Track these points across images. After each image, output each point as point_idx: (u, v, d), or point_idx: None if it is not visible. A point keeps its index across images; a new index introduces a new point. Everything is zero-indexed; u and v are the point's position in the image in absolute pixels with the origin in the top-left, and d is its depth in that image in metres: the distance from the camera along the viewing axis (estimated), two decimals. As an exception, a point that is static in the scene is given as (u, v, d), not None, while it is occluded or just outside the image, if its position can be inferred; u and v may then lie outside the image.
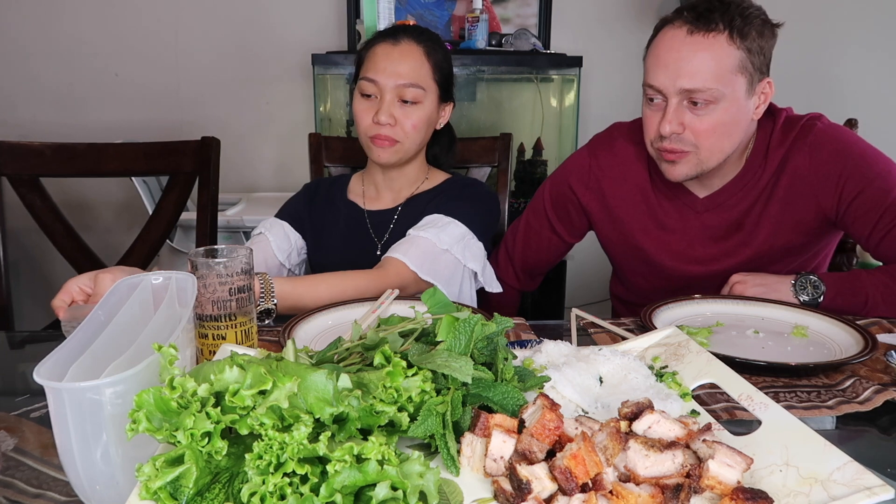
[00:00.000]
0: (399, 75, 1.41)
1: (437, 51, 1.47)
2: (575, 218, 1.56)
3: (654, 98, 1.31)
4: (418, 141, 1.48)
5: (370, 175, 1.60)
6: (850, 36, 2.85)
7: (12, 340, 1.26)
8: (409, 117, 1.43)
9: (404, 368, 0.66)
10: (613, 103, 2.82)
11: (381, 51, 1.44)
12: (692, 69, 1.24)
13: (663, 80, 1.27)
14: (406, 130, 1.43)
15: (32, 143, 1.71)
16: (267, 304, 1.16)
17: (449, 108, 1.55)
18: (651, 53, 1.31)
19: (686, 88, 1.25)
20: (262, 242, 1.53)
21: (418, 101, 1.43)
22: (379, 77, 1.42)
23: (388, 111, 1.41)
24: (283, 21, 2.79)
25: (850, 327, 1.12)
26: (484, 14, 2.62)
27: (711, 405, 0.88)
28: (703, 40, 1.24)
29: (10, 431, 0.82)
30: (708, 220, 1.43)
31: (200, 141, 1.74)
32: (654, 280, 1.51)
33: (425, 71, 1.44)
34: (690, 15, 1.25)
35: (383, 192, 1.58)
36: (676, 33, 1.26)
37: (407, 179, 1.56)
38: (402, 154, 1.47)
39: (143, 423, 0.56)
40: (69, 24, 2.75)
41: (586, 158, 1.54)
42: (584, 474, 0.58)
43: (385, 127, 1.42)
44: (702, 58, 1.24)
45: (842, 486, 0.59)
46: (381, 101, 1.42)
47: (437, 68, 1.46)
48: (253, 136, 2.87)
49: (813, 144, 1.34)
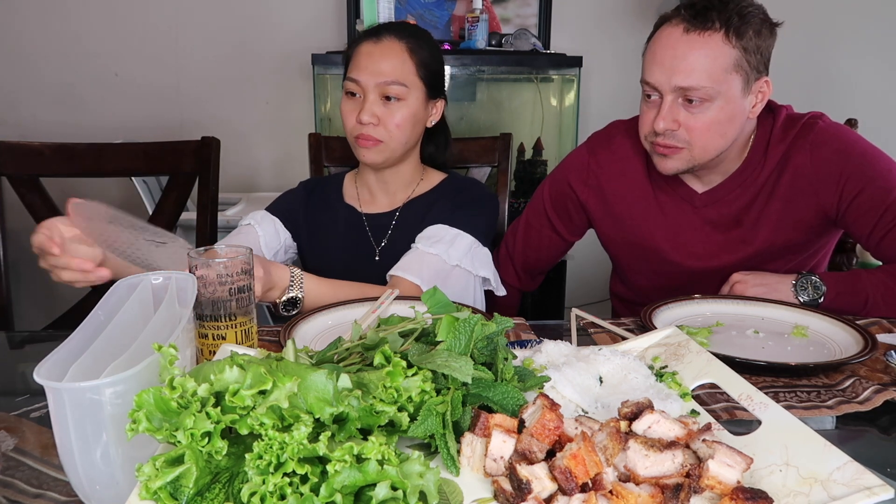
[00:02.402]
0: (380, 73, 1.39)
1: (423, 47, 1.44)
2: (574, 216, 1.57)
3: (651, 94, 1.32)
4: (404, 140, 1.44)
5: (363, 177, 1.57)
6: (850, 36, 2.85)
7: (12, 340, 1.27)
8: (392, 116, 1.41)
9: (404, 368, 0.66)
10: (613, 103, 2.82)
11: (364, 49, 1.42)
12: (687, 67, 1.25)
13: (658, 78, 1.28)
14: (390, 129, 1.41)
15: (32, 142, 1.71)
16: (296, 293, 1.20)
17: (440, 104, 1.51)
18: (649, 50, 1.32)
19: (680, 86, 1.26)
20: (250, 234, 1.49)
21: (401, 98, 1.41)
22: (361, 76, 1.40)
23: (371, 110, 1.39)
24: (284, 21, 2.79)
25: (850, 327, 1.12)
26: (484, 14, 2.62)
27: (711, 405, 0.88)
28: (698, 39, 1.24)
29: (10, 431, 0.82)
30: (707, 215, 1.43)
31: (200, 141, 1.74)
32: (653, 277, 1.52)
33: (408, 67, 1.41)
34: (688, 13, 1.26)
35: (378, 195, 1.56)
36: (673, 31, 1.27)
37: (402, 181, 1.54)
38: (388, 154, 1.44)
39: (143, 423, 0.56)
40: (70, 23, 2.75)
41: (585, 156, 1.54)
42: (584, 474, 0.58)
43: (368, 126, 1.40)
44: (696, 56, 1.24)
45: (842, 485, 0.59)
46: (364, 101, 1.40)
47: (422, 65, 1.43)
48: (253, 136, 2.87)
49: (814, 143, 1.34)
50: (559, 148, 2.80)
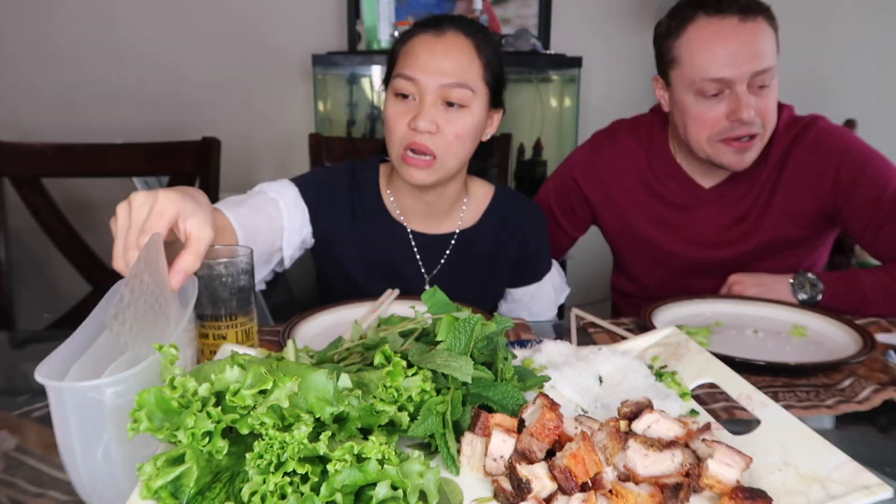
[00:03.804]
0: (444, 73, 1.17)
1: (489, 45, 1.23)
2: (578, 210, 1.59)
3: (716, 92, 1.31)
4: (461, 155, 1.23)
5: (398, 190, 1.34)
6: (850, 36, 2.85)
7: (14, 340, 1.27)
8: (452, 124, 1.19)
9: (404, 368, 0.66)
10: (613, 103, 2.82)
11: (423, 43, 1.20)
12: (759, 52, 1.28)
13: (730, 70, 1.28)
14: (448, 140, 1.19)
15: (34, 143, 1.71)
16: None
17: (498, 115, 1.30)
18: (697, 49, 1.31)
19: (757, 71, 1.28)
20: (272, 210, 1.23)
21: (465, 104, 1.19)
22: (419, 74, 1.18)
23: (430, 115, 1.17)
24: (284, 21, 2.79)
25: (849, 327, 1.13)
26: (484, 14, 2.62)
27: (711, 405, 0.88)
28: (754, 26, 1.29)
29: (11, 431, 0.82)
30: (712, 209, 1.47)
31: (201, 141, 1.75)
32: (656, 270, 1.54)
33: (475, 69, 1.20)
34: (732, 5, 1.29)
35: (420, 211, 1.34)
36: (726, 24, 1.29)
37: (446, 202, 1.33)
38: (441, 174, 1.22)
39: (144, 423, 0.56)
40: (70, 25, 2.75)
41: (589, 152, 1.58)
42: (584, 474, 0.58)
43: (424, 135, 1.18)
44: (763, 40, 1.29)
45: (840, 485, 0.60)
46: (422, 104, 1.18)
47: (489, 66, 1.22)
48: (253, 137, 2.87)
49: (814, 141, 1.38)
50: (559, 148, 2.80)
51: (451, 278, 1.36)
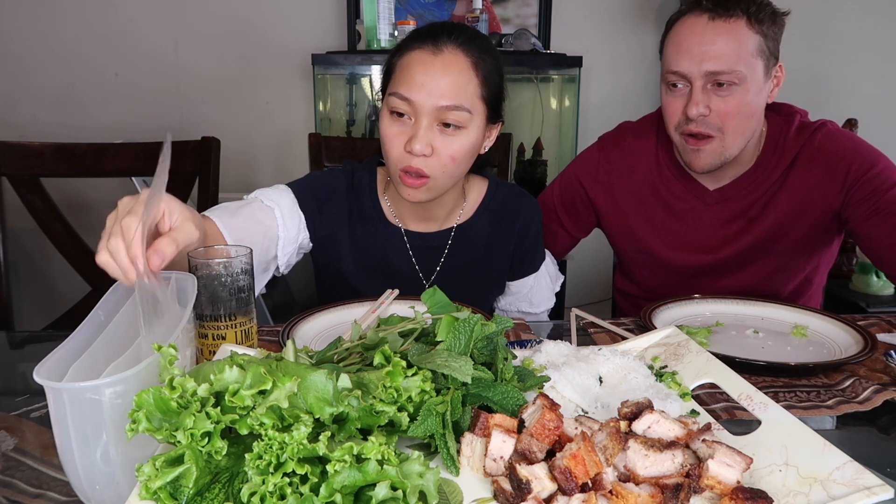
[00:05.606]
0: (441, 94, 1.15)
1: (487, 60, 1.20)
2: (582, 211, 1.59)
3: (678, 84, 1.33)
4: (457, 174, 1.23)
5: (395, 195, 1.34)
6: (850, 36, 2.85)
7: (12, 340, 1.26)
8: (448, 146, 1.18)
9: (404, 368, 0.66)
10: (613, 103, 2.83)
11: (419, 60, 1.17)
12: (716, 52, 1.27)
13: (688, 66, 1.30)
14: (443, 161, 1.18)
15: (33, 143, 1.71)
16: None
17: (496, 129, 1.29)
18: (671, 42, 1.34)
19: (711, 71, 1.28)
20: (267, 219, 1.23)
21: (462, 126, 1.18)
22: (414, 95, 1.15)
23: (425, 139, 1.16)
24: (283, 21, 2.79)
25: (850, 327, 1.13)
26: (484, 14, 2.62)
27: (711, 405, 0.88)
28: (724, 25, 1.28)
29: (10, 431, 0.82)
30: (717, 211, 1.47)
31: (200, 141, 1.74)
32: (659, 271, 1.54)
33: (472, 88, 1.18)
34: (709, 3, 1.29)
35: (418, 216, 1.36)
36: (697, 21, 1.30)
37: (445, 207, 1.34)
38: (436, 192, 1.23)
39: (143, 423, 0.56)
40: (70, 24, 2.75)
41: (595, 154, 1.58)
42: (584, 474, 0.58)
43: (419, 158, 1.17)
44: (724, 41, 1.28)
45: (841, 485, 0.59)
46: (417, 125, 1.16)
47: (487, 83, 1.20)
48: (253, 136, 2.87)
49: (822, 141, 1.39)
50: (559, 148, 2.80)
51: (451, 275, 1.37)
